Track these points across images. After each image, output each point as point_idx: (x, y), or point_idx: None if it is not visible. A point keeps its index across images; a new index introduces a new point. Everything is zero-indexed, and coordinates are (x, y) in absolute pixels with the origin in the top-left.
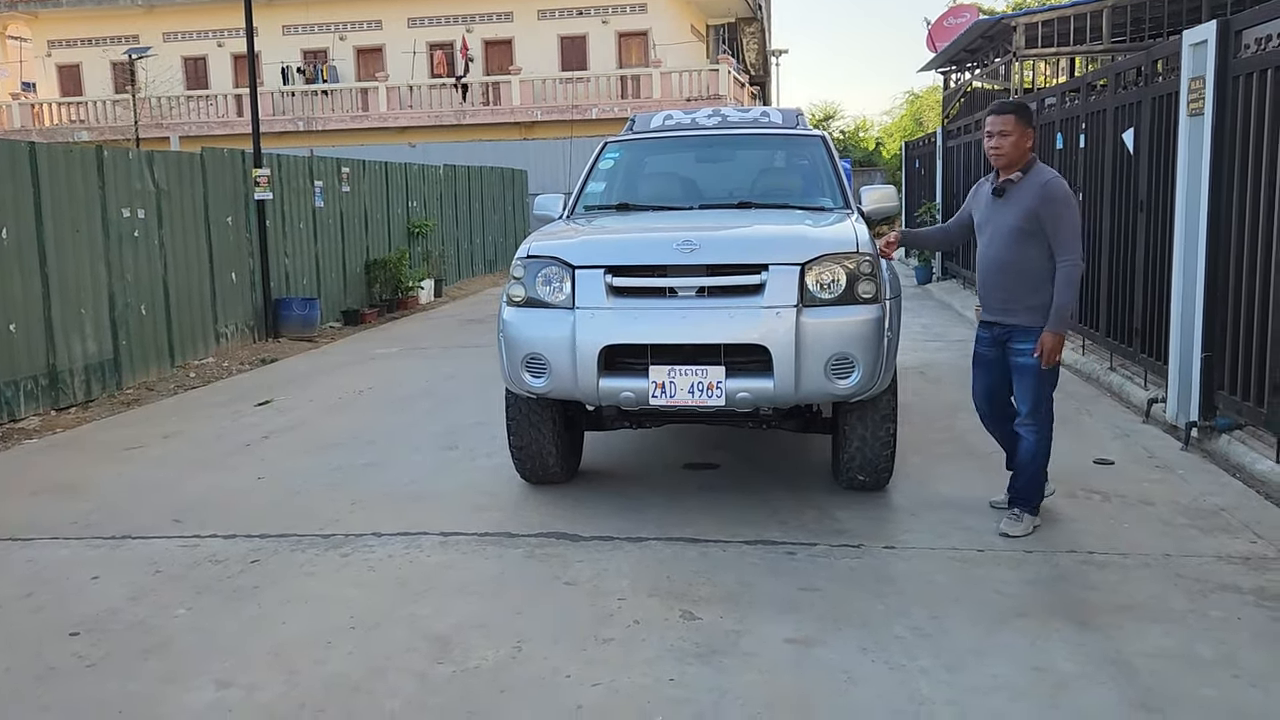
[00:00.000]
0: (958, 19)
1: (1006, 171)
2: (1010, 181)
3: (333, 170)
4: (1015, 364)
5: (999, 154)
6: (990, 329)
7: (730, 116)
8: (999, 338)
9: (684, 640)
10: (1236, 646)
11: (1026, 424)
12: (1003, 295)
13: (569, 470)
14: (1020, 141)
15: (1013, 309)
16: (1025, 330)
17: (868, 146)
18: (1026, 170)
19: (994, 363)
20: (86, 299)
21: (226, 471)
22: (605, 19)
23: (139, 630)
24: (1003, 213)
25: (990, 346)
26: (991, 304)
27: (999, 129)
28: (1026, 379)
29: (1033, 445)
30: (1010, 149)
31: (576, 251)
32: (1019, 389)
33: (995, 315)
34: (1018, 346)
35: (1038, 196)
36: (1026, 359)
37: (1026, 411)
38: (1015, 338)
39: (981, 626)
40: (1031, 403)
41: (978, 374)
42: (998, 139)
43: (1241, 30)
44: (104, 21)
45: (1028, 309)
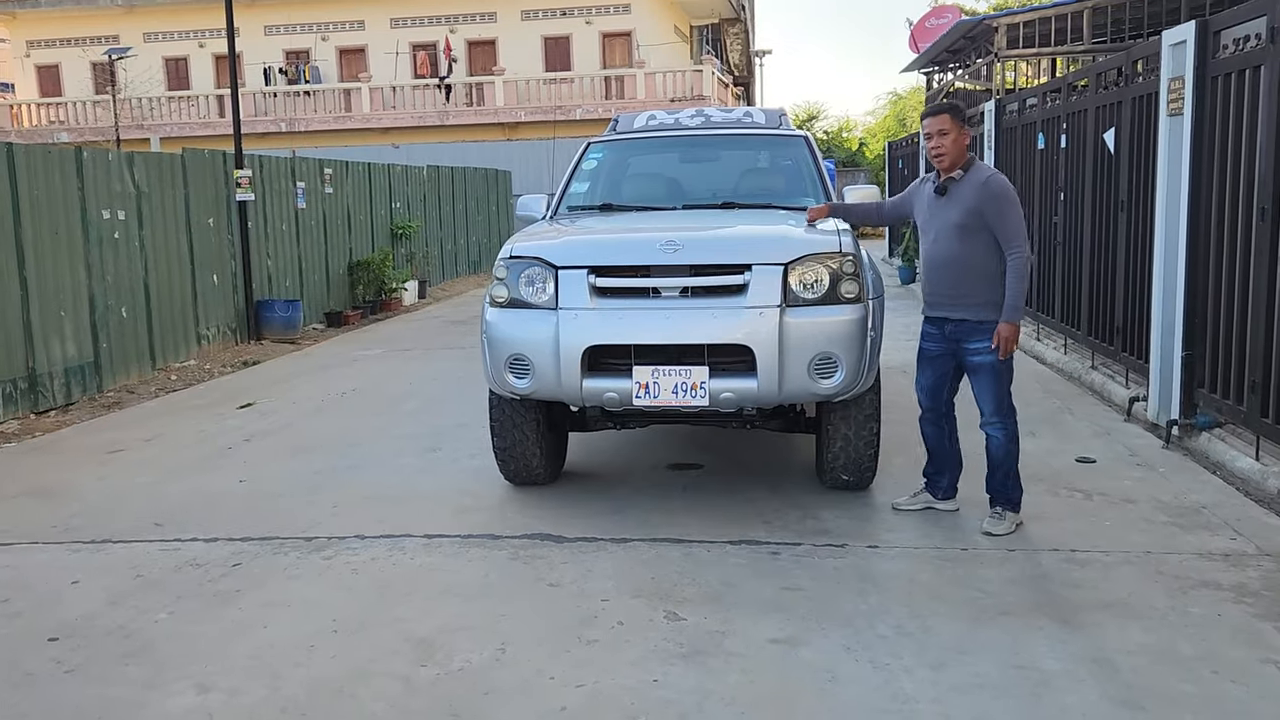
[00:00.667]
0: (940, 20)
1: (949, 171)
2: (952, 179)
3: (315, 171)
4: (971, 364)
5: (941, 154)
6: (940, 325)
7: (713, 117)
8: (950, 335)
9: (668, 641)
10: (1217, 643)
11: (992, 423)
12: (951, 291)
13: (553, 471)
14: (960, 139)
15: (961, 304)
16: (977, 326)
17: (851, 147)
18: (967, 169)
19: (941, 358)
20: (66, 301)
21: (208, 474)
22: (589, 19)
23: (119, 635)
24: (946, 210)
25: (938, 342)
26: (939, 300)
27: (938, 129)
28: (985, 377)
29: (1003, 442)
30: (951, 147)
31: (560, 252)
32: (979, 389)
33: (944, 311)
34: (972, 345)
35: (980, 193)
36: (982, 357)
37: (990, 411)
38: (968, 337)
39: (964, 625)
40: (994, 401)
41: (923, 368)
42: (938, 139)
43: (1220, 31)
44: (83, 21)
45: (976, 304)
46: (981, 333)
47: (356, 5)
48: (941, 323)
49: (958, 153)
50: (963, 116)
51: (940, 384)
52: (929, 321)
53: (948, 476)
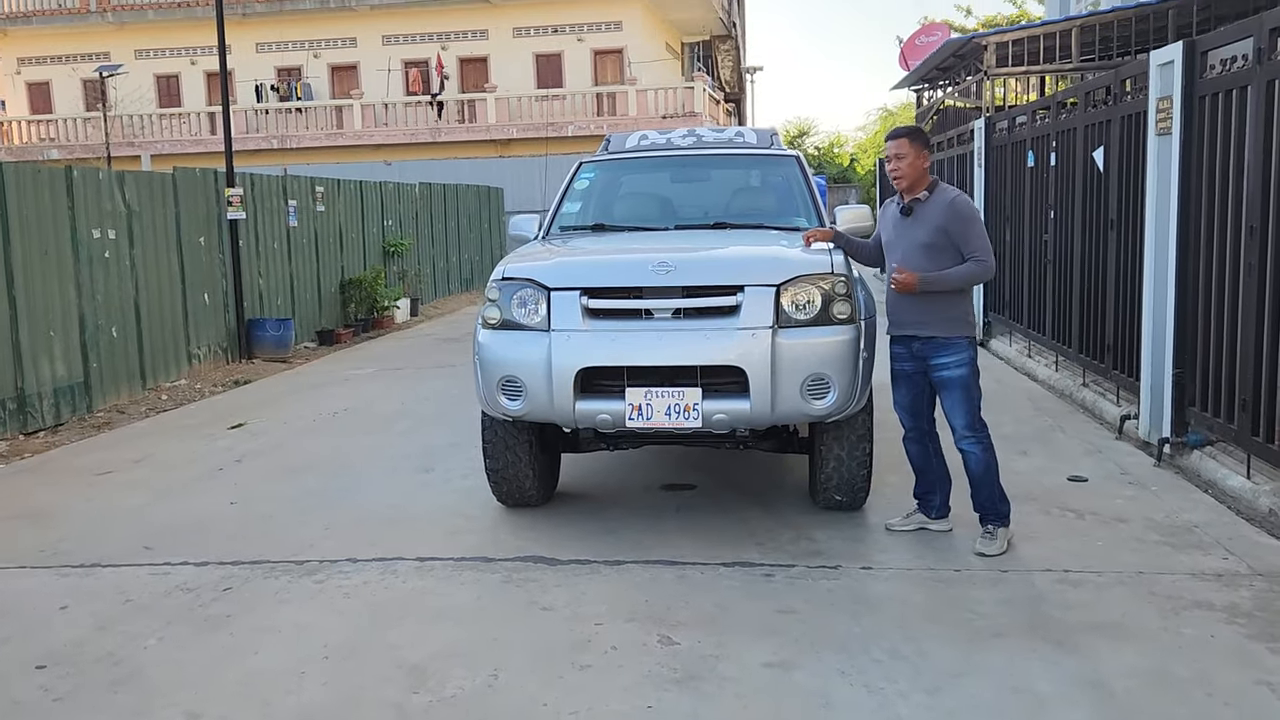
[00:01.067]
0: (930, 37)
1: (910, 192)
2: (918, 200)
3: (307, 189)
4: (940, 379)
5: (898, 176)
6: (907, 344)
7: (705, 136)
8: (918, 353)
9: (662, 665)
10: (1210, 665)
11: (966, 437)
12: (917, 309)
13: (546, 493)
14: (916, 162)
15: (926, 321)
16: (943, 343)
17: (842, 162)
18: (932, 190)
19: (913, 376)
20: (55, 321)
21: (198, 496)
22: (580, 37)
23: (108, 662)
24: (913, 230)
25: (908, 361)
26: (905, 319)
27: (895, 153)
28: (955, 392)
29: (980, 456)
30: (908, 169)
31: (552, 273)
32: (949, 405)
33: (911, 329)
34: (940, 360)
35: (946, 213)
36: (950, 372)
37: (963, 425)
38: (935, 353)
39: (959, 648)
40: (965, 416)
41: (898, 387)
42: (895, 162)
43: (1207, 51)
44: (75, 39)
45: (942, 320)
46: (950, 349)
47: (348, 22)
48: (909, 341)
49: (914, 175)
50: (922, 140)
51: (918, 401)
52: (896, 341)
53: (939, 495)
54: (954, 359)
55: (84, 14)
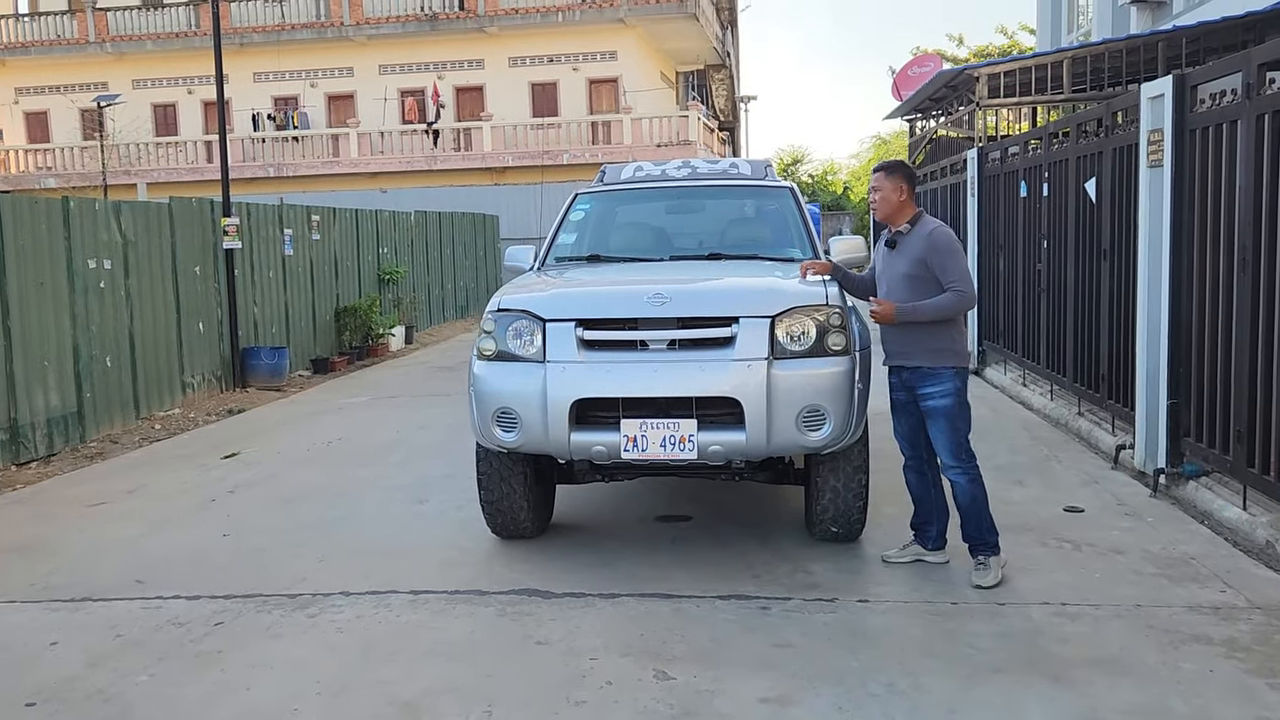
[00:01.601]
0: (922, 68)
1: (891, 223)
2: (900, 233)
3: (303, 218)
4: (926, 409)
5: (878, 207)
6: (899, 374)
7: (699, 168)
8: (907, 383)
9: (657, 701)
10: (1209, 700)
11: (953, 468)
12: (902, 339)
13: (540, 524)
14: (892, 195)
15: (911, 352)
16: (928, 373)
17: (836, 190)
18: (914, 222)
19: (908, 405)
20: (50, 351)
21: (191, 528)
22: (576, 66)
23: (98, 699)
24: (896, 262)
25: (901, 391)
26: (894, 350)
27: (874, 185)
28: (940, 421)
29: (967, 487)
30: (882, 202)
31: (547, 305)
32: (935, 435)
33: (897, 360)
34: (925, 390)
35: (924, 245)
36: (935, 401)
37: (950, 455)
38: (920, 383)
39: (956, 682)
40: (951, 446)
41: (897, 417)
42: (873, 194)
43: (1197, 85)
44: (72, 69)
45: (925, 351)
46: (935, 378)
47: (345, 52)
48: (900, 370)
49: (889, 208)
50: (902, 173)
51: (917, 431)
52: (891, 372)
53: (935, 526)
54: (938, 389)
55: (82, 44)
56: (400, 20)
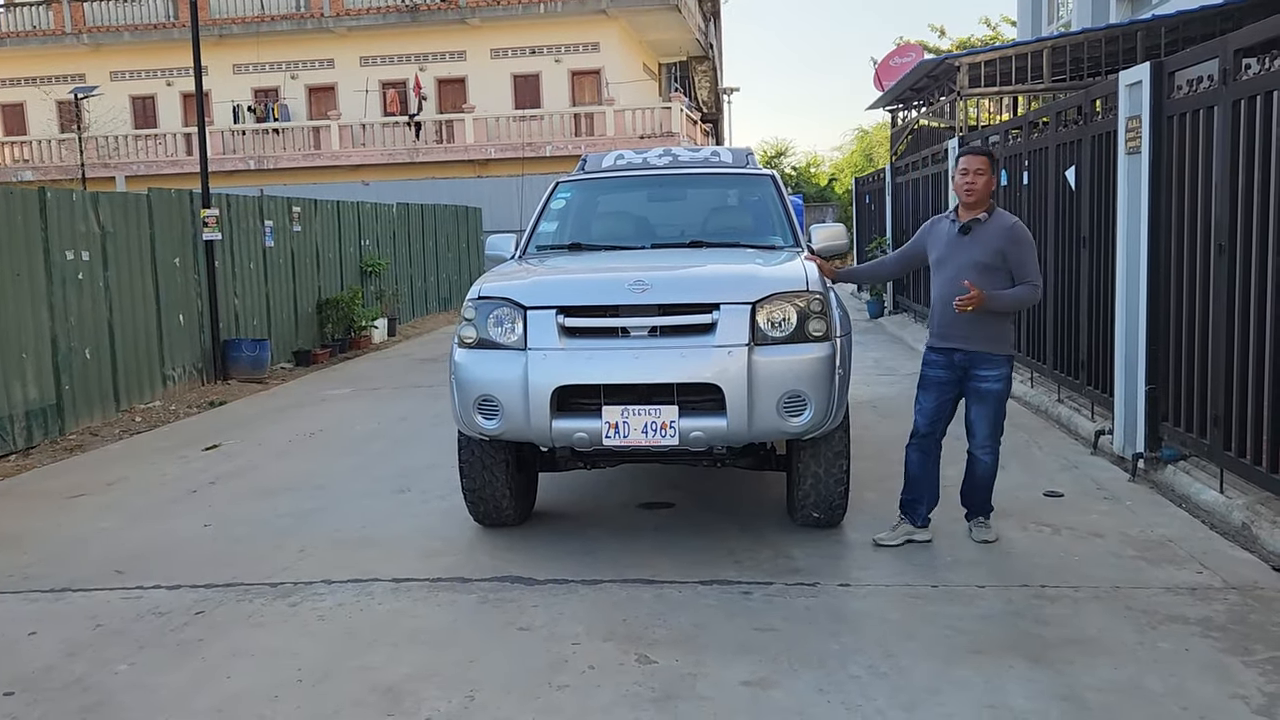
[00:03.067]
0: (904, 58)
1: (974, 210)
2: (977, 221)
3: (283, 209)
4: (979, 390)
5: (973, 191)
6: (948, 355)
7: (681, 156)
8: (959, 364)
9: (639, 685)
10: (1185, 678)
11: (985, 447)
12: (967, 323)
13: (523, 512)
14: (990, 182)
15: (973, 336)
16: (988, 357)
17: (819, 182)
18: (990, 212)
19: (946, 385)
20: (28, 343)
21: (172, 519)
22: (558, 58)
23: (76, 688)
24: (969, 249)
25: (944, 369)
26: (952, 333)
27: (975, 168)
28: (988, 404)
29: (991, 466)
30: (983, 188)
31: (528, 292)
32: (979, 414)
33: (956, 343)
34: (981, 373)
35: (1006, 237)
36: (990, 385)
37: (986, 435)
38: (978, 365)
39: (937, 664)
40: (990, 426)
41: (927, 393)
42: (973, 177)
43: (1174, 72)
44: (49, 60)
45: (988, 337)
46: (993, 364)
47: (326, 44)
48: (950, 352)
49: (986, 193)
50: (997, 163)
51: (942, 410)
52: (935, 350)
53: (926, 504)
54: (995, 374)
55: (59, 35)
56: (381, 11)
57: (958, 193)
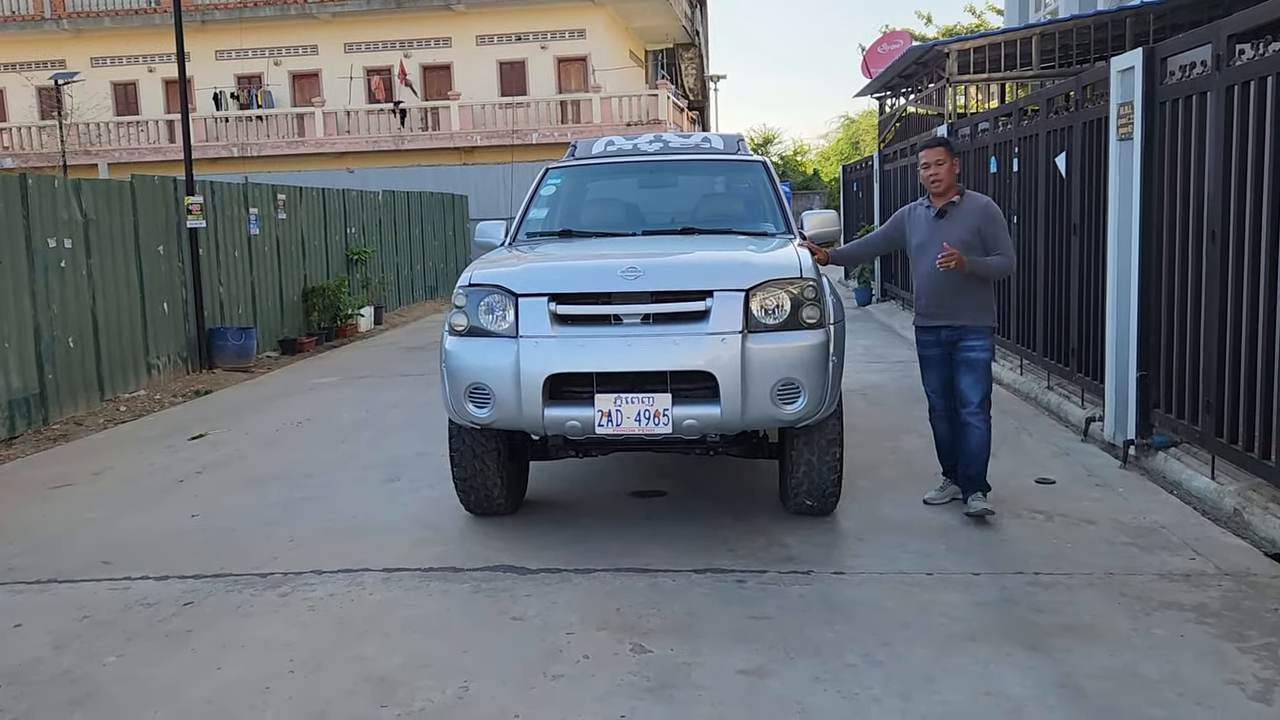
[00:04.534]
0: (892, 45)
1: (943, 196)
2: (953, 203)
3: (268, 197)
4: (966, 359)
5: (937, 180)
6: (936, 333)
7: (672, 142)
8: (946, 339)
9: (635, 675)
10: (1180, 664)
11: (977, 414)
12: (952, 301)
13: (514, 501)
14: (953, 168)
15: (960, 312)
16: (973, 329)
17: (806, 170)
18: (962, 194)
19: (942, 360)
20: (10, 332)
21: (159, 509)
22: (544, 44)
23: (64, 681)
24: (947, 230)
25: (935, 347)
26: (939, 310)
27: (935, 159)
28: (976, 372)
29: (984, 432)
30: (946, 175)
31: (519, 279)
32: (968, 380)
33: (944, 320)
34: (968, 344)
35: (982, 216)
36: (977, 354)
37: (978, 400)
38: (964, 337)
39: (932, 652)
40: (982, 391)
41: (930, 372)
42: (934, 168)
43: (1167, 58)
44: (29, 46)
45: (972, 311)
46: (977, 334)
47: (309, 30)
48: (938, 330)
49: (950, 180)
50: (953, 149)
51: (947, 382)
52: (924, 331)
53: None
54: (980, 343)
55: (39, 20)
56: None
57: (925, 184)
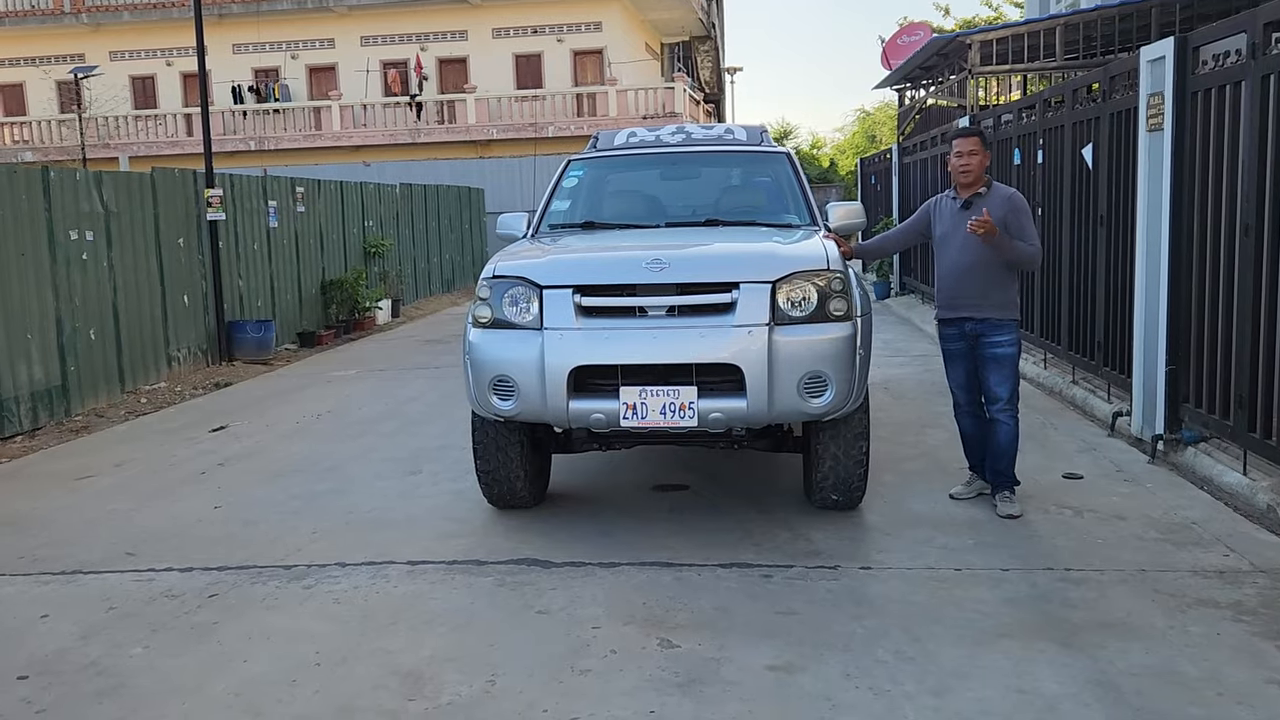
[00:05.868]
0: (912, 37)
1: (971, 187)
2: (979, 195)
3: (287, 190)
4: (992, 355)
5: (968, 170)
6: (959, 325)
7: (694, 133)
8: (970, 333)
9: (663, 670)
10: (1219, 663)
11: (1006, 410)
12: (976, 291)
13: (537, 494)
14: (984, 160)
15: (984, 303)
16: (997, 323)
17: (823, 164)
18: (988, 186)
19: (965, 354)
20: (33, 324)
21: (182, 501)
22: (560, 37)
23: (91, 672)
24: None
25: (959, 341)
26: (963, 302)
27: (968, 149)
28: (1004, 368)
29: (1012, 429)
30: (978, 166)
31: (544, 271)
32: (996, 377)
33: (968, 311)
34: (994, 339)
35: (1007, 206)
36: (1004, 350)
37: (1006, 397)
38: (989, 332)
39: (964, 648)
40: (1009, 388)
41: (954, 366)
42: (967, 158)
43: (1199, 46)
44: (48, 40)
45: (997, 303)
46: (1003, 329)
47: (326, 23)
48: (962, 322)
49: (980, 170)
50: (987, 140)
51: (972, 377)
52: (946, 324)
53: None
54: (1006, 338)
55: (58, 15)
56: None
57: (954, 173)
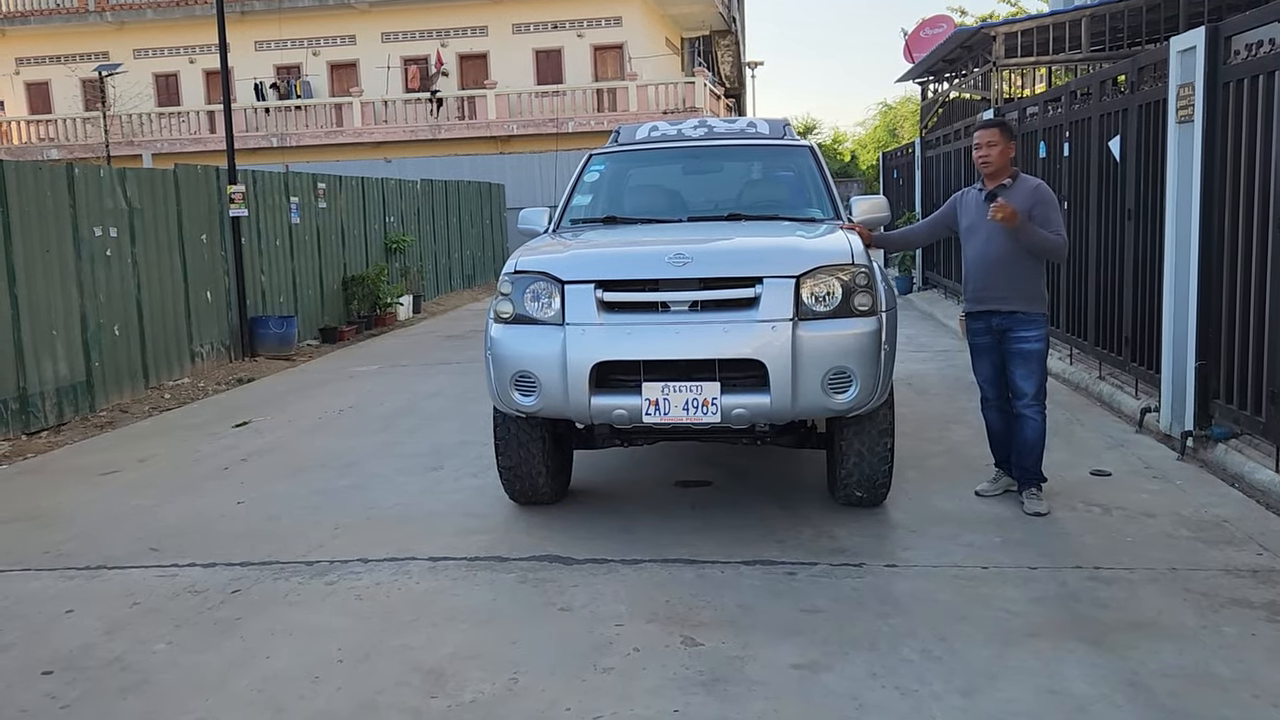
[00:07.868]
0: (935, 30)
1: (995, 179)
2: (1004, 186)
3: (309, 186)
4: (1019, 350)
5: (988, 163)
6: (986, 319)
7: (717, 127)
8: (997, 327)
9: (686, 668)
10: (1254, 664)
11: (1032, 405)
12: (1003, 284)
13: (558, 490)
14: (1006, 151)
15: (1010, 297)
16: (1024, 317)
17: (844, 158)
18: (1014, 177)
19: (993, 348)
20: (57, 320)
21: (205, 496)
22: (580, 32)
23: (116, 667)
24: None
25: (986, 335)
26: (989, 295)
27: (987, 140)
28: (1030, 363)
29: (1039, 424)
30: (998, 158)
31: (565, 266)
32: (1022, 373)
33: (994, 304)
34: (1021, 334)
35: (1033, 197)
36: (1031, 345)
37: (1032, 393)
38: (1016, 327)
39: (992, 648)
40: (1036, 383)
41: (981, 360)
42: (985, 150)
43: (1231, 36)
44: (73, 39)
45: (1024, 296)
46: (1030, 323)
47: (347, 20)
48: (989, 316)
49: (1002, 162)
50: (1009, 131)
51: (999, 371)
52: (973, 317)
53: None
54: (1034, 333)
55: (82, 14)
56: None
57: (977, 165)
